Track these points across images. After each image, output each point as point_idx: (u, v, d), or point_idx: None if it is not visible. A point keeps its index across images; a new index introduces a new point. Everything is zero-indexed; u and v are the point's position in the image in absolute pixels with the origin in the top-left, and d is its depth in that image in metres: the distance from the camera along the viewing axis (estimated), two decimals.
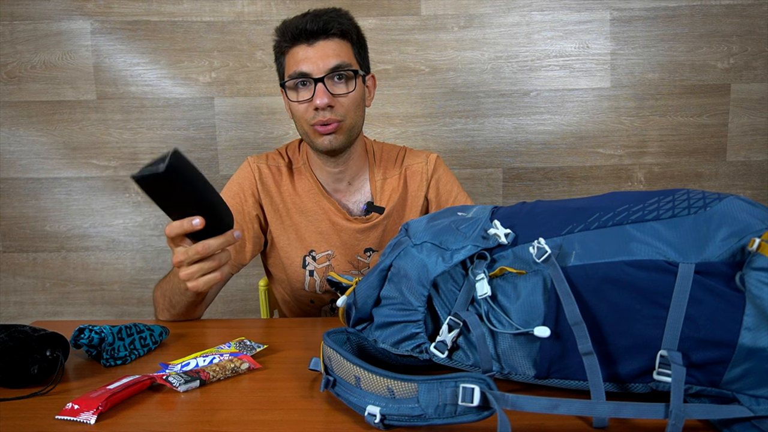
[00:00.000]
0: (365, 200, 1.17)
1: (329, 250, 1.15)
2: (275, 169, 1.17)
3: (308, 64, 1.02)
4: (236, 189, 1.15)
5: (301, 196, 1.16)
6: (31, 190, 1.93)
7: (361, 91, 1.08)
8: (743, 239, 0.56)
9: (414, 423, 0.58)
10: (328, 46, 1.03)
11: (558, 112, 1.88)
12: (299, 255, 1.16)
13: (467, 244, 0.67)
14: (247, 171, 1.16)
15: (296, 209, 1.16)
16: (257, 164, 1.16)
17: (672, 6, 1.81)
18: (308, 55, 1.02)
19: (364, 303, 0.73)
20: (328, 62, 1.02)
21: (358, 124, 1.10)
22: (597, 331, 0.60)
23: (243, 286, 1.96)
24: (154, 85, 1.87)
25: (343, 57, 1.04)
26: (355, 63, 1.06)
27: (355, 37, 1.07)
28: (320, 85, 1.02)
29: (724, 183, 1.90)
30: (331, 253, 1.15)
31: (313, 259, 1.16)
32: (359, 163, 1.17)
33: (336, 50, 1.03)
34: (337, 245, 1.15)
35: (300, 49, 1.03)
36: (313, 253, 1.16)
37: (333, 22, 1.02)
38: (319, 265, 1.16)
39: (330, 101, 1.02)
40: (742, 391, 0.57)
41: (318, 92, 1.02)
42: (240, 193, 1.15)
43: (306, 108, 1.05)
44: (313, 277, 1.16)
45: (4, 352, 0.70)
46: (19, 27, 1.85)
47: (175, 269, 0.90)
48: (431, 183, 1.19)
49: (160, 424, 0.63)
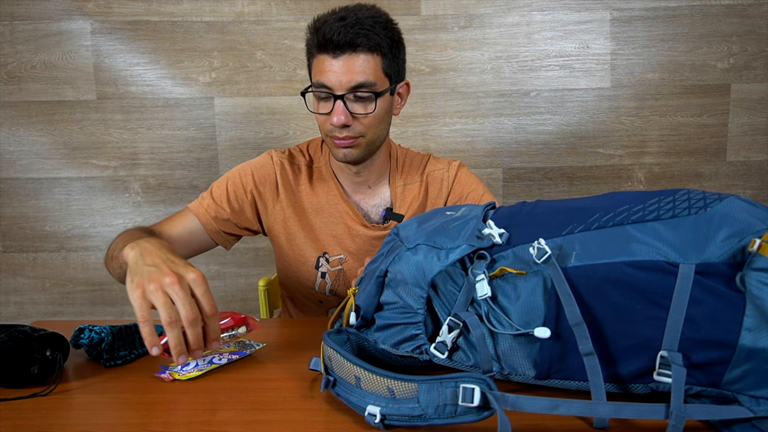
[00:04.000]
0: (384, 205, 1.15)
1: (342, 254, 1.13)
2: (296, 167, 1.15)
3: (330, 78, 0.97)
4: (249, 169, 1.13)
5: (319, 197, 1.14)
6: (31, 190, 1.93)
7: (384, 107, 1.03)
8: (744, 240, 0.56)
9: (414, 423, 0.58)
10: (352, 61, 0.96)
11: (558, 112, 1.88)
12: (313, 255, 1.14)
13: (462, 244, 0.67)
14: (267, 163, 1.14)
15: (313, 209, 1.14)
16: (280, 159, 1.14)
17: (672, 6, 1.82)
18: (333, 69, 0.97)
19: (366, 311, 0.73)
20: (351, 79, 0.97)
21: (379, 138, 1.06)
22: (597, 332, 0.60)
23: (243, 286, 1.96)
24: (154, 85, 1.87)
25: (368, 75, 0.98)
26: (381, 79, 1.00)
27: (386, 49, 0.99)
28: (339, 102, 0.97)
29: (724, 183, 1.90)
30: (343, 258, 1.13)
31: (326, 261, 1.14)
32: (381, 169, 1.14)
33: (362, 67, 0.97)
34: (351, 250, 1.13)
35: (325, 59, 0.98)
36: (327, 255, 1.14)
37: (361, 36, 0.95)
38: (332, 267, 1.14)
39: (347, 120, 0.98)
40: (743, 391, 0.57)
41: (336, 110, 0.98)
42: (252, 173, 1.12)
43: (325, 119, 1.02)
44: (325, 279, 1.15)
45: (4, 352, 0.70)
46: (19, 27, 1.85)
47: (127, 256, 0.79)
48: (452, 188, 1.15)
49: (160, 424, 0.63)
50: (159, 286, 0.68)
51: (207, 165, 1.92)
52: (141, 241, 0.79)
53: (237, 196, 1.12)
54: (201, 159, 1.92)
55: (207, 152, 1.91)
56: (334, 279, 1.15)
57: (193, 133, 1.90)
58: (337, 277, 1.15)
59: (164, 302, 0.67)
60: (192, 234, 1.11)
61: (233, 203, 1.12)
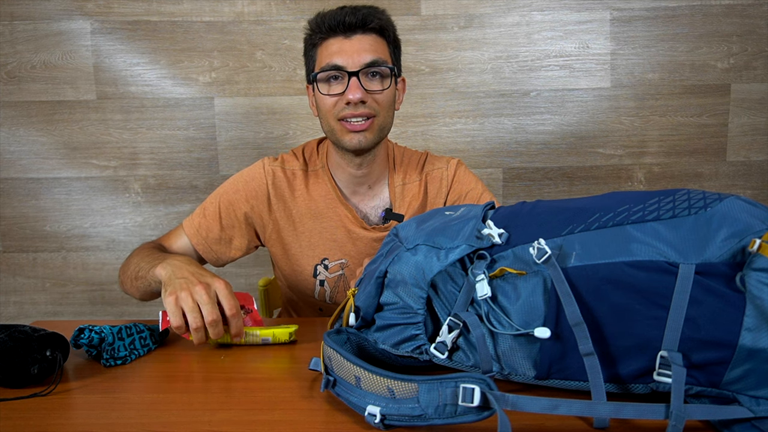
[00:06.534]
0: (383, 206, 1.13)
1: (343, 258, 1.12)
2: (290, 172, 1.12)
3: (343, 57, 0.98)
4: (241, 185, 1.12)
5: (316, 200, 1.12)
6: (31, 190, 1.93)
7: (394, 90, 1.05)
8: (744, 240, 0.56)
9: (414, 423, 0.58)
10: (365, 40, 0.99)
11: (558, 112, 1.88)
12: (310, 264, 1.13)
13: (461, 244, 0.67)
14: (259, 173, 1.12)
15: (310, 214, 1.12)
16: (271, 168, 1.12)
17: (672, 6, 1.82)
18: (344, 48, 0.99)
19: (366, 312, 0.73)
20: (365, 57, 0.98)
21: (388, 124, 1.06)
22: (597, 332, 0.60)
23: (243, 286, 1.96)
24: (154, 85, 1.87)
25: (380, 53, 1.00)
26: (390, 60, 1.03)
27: (392, 37, 1.04)
28: (354, 79, 0.98)
29: (724, 183, 1.90)
30: (344, 262, 1.12)
31: (325, 268, 1.12)
32: (382, 166, 1.13)
33: (373, 45, 1.00)
34: (351, 254, 1.12)
35: (335, 41, 1.00)
36: (326, 261, 1.12)
37: (372, 17, 0.99)
38: (330, 274, 1.13)
39: (363, 97, 0.98)
40: (743, 391, 0.57)
41: (351, 86, 0.98)
42: (243, 190, 1.11)
43: (336, 101, 1.00)
44: (324, 287, 1.13)
45: (4, 352, 0.70)
46: (19, 27, 1.85)
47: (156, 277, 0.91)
48: (451, 187, 1.15)
49: (160, 424, 0.63)
50: (189, 294, 0.81)
51: (207, 165, 1.92)
52: (170, 259, 0.90)
53: (230, 221, 1.13)
54: (201, 159, 1.92)
55: (207, 152, 1.91)
56: (333, 286, 1.14)
57: (193, 133, 1.90)
58: (336, 284, 1.13)
59: (192, 308, 0.79)
60: (187, 254, 1.13)
61: (226, 230, 1.13)
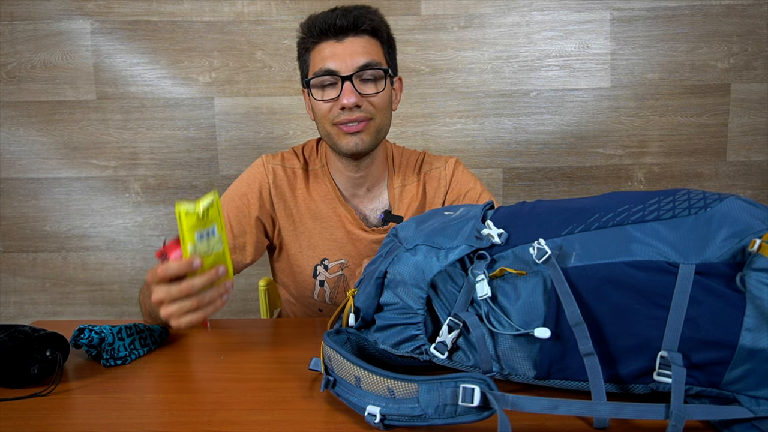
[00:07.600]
0: (383, 208, 1.12)
1: (343, 258, 1.11)
2: (290, 171, 1.11)
3: (336, 61, 0.97)
4: (245, 189, 1.09)
5: (316, 201, 1.11)
6: (31, 190, 1.93)
7: (389, 92, 1.03)
8: (744, 240, 0.56)
9: (414, 423, 0.58)
10: (357, 42, 0.97)
11: (558, 112, 1.88)
12: (310, 264, 1.12)
13: (461, 244, 0.67)
14: (259, 171, 1.10)
15: (310, 214, 1.11)
16: (272, 165, 1.10)
17: (672, 6, 1.81)
18: (336, 52, 0.97)
19: (366, 313, 0.73)
20: (357, 60, 0.96)
21: (385, 126, 1.04)
22: (597, 332, 0.60)
23: (243, 286, 1.96)
24: (154, 85, 1.87)
25: (373, 55, 0.98)
26: (384, 62, 1.01)
27: (385, 36, 1.02)
28: (348, 83, 0.96)
29: (724, 183, 1.90)
30: (344, 262, 1.11)
31: (324, 268, 1.12)
32: (380, 168, 1.12)
33: (366, 47, 0.98)
34: (351, 255, 1.11)
35: (327, 46, 0.98)
36: (326, 261, 1.11)
37: (364, 18, 0.97)
38: (330, 274, 1.12)
39: (357, 101, 0.96)
40: (743, 391, 0.57)
41: (345, 91, 0.96)
42: (248, 194, 1.09)
43: (331, 107, 0.99)
44: (323, 288, 1.13)
45: (4, 352, 0.70)
46: (19, 27, 1.85)
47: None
48: (450, 187, 1.14)
49: (160, 424, 0.63)
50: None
51: (207, 165, 1.92)
52: None
53: (241, 228, 1.09)
54: (201, 159, 1.92)
55: (207, 152, 1.91)
56: (333, 286, 1.13)
57: (193, 133, 1.90)
58: (336, 284, 1.13)
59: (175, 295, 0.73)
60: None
61: (239, 238, 1.09)
